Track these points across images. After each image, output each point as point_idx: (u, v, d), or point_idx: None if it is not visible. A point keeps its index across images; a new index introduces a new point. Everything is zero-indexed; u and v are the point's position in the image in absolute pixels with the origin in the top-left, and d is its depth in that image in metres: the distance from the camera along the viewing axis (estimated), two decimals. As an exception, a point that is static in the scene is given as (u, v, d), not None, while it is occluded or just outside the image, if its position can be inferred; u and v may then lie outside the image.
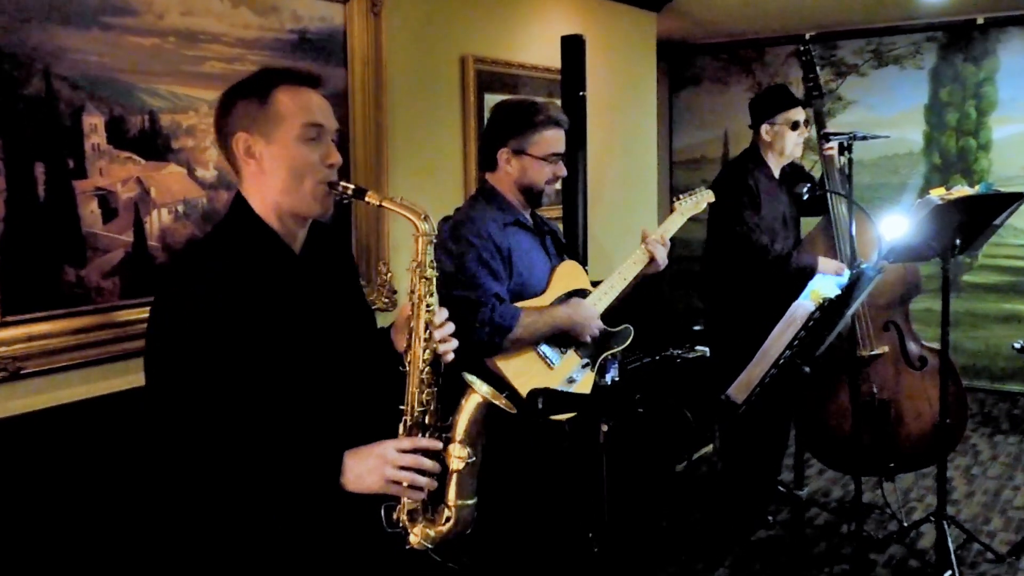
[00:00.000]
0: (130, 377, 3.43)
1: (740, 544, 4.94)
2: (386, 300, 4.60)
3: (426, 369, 2.24)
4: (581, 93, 4.93)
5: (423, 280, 2.27)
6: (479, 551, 2.41)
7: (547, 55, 5.62)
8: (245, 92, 2.24)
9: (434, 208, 2.30)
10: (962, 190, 4.24)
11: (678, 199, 3.79)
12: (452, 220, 3.38)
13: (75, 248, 3.29)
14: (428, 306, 2.26)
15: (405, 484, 2.12)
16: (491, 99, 5.33)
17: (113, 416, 3.32)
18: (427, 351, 2.24)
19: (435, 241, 2.30)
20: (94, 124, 3.32)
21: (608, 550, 3.18)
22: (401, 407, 2.23)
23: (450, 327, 2.33)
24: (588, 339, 3.30)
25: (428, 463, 2.15)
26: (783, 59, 8.54)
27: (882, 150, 7.88)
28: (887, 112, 8.06)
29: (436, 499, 2.20)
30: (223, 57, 3.76)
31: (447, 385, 2.27)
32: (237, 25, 3.81)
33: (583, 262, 4.83)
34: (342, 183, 2.25)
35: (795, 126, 4.88)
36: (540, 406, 2.31)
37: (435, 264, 2.29)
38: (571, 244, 4.71)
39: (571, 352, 3.31)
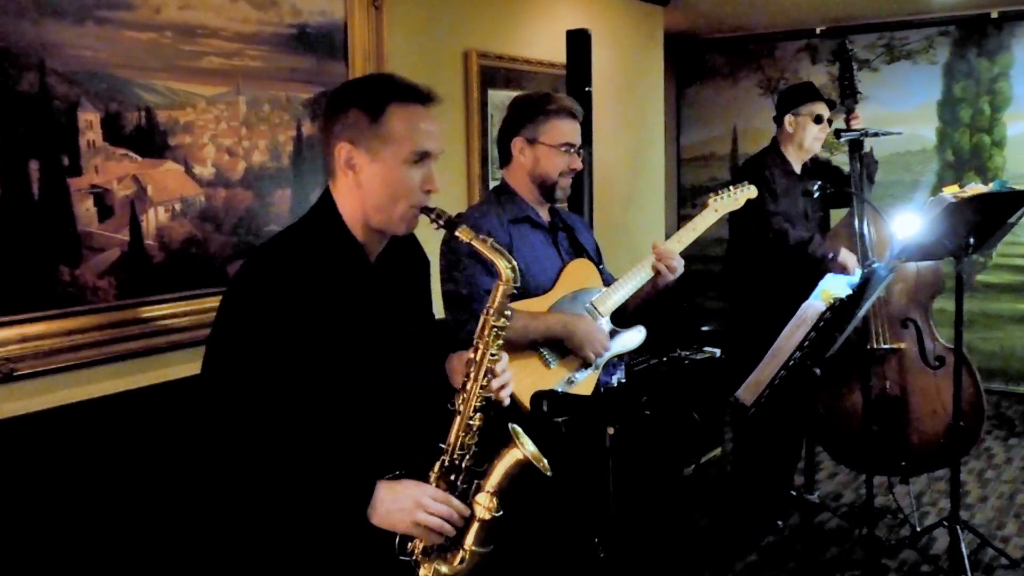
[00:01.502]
0: (127, 379, 3.44)
1: (749, 550, 4.93)
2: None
3: (476, 416, 2.26)
4: (587, 88, 4.92)
5: (493, 328, 2.29)
6: (483, 557, 2.41)
7: (552, 49, 5.61)
8: (360, 100, 2.24)
9: (436, 204, 2.30)
10: (976, 188, 4.23)
11: (715, 194, 3.76)
12: (458, 216, 3.40)
13: (70, 247, 3.28)
14: (493, 354, 2.29)
15: (432, 529, 2.16)
16: (495, 95, 5.32)
17: (110, 419, 3.32)
18: (480, 399, 2.27)
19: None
20: (89, 120, 3.31)
21: (614, 556, 3.17)
22: (442, 445, 2.26)
23: (508, 375, 2.37)
24: (590, 356, 3.28)
25: (457, 517, 2.19)
26: (793, 54, 8.53)
27: (894, 147, 7.86)
28: (899, 108, 8.04)
29: (454, 540, 2.23)
30: (221, 52, 3.75)
31: (490, 424, 2.30)
32: (236, 19, 3.80)
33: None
34: (436, 211, 2.26)
35: (818, 119, 4.91)
36: (544, 409, 2.31)
37: (508, 315, 2.31)
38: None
39: (571, 356, 3.30)
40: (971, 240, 4.27)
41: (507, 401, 2.36)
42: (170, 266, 3.59)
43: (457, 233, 2.22)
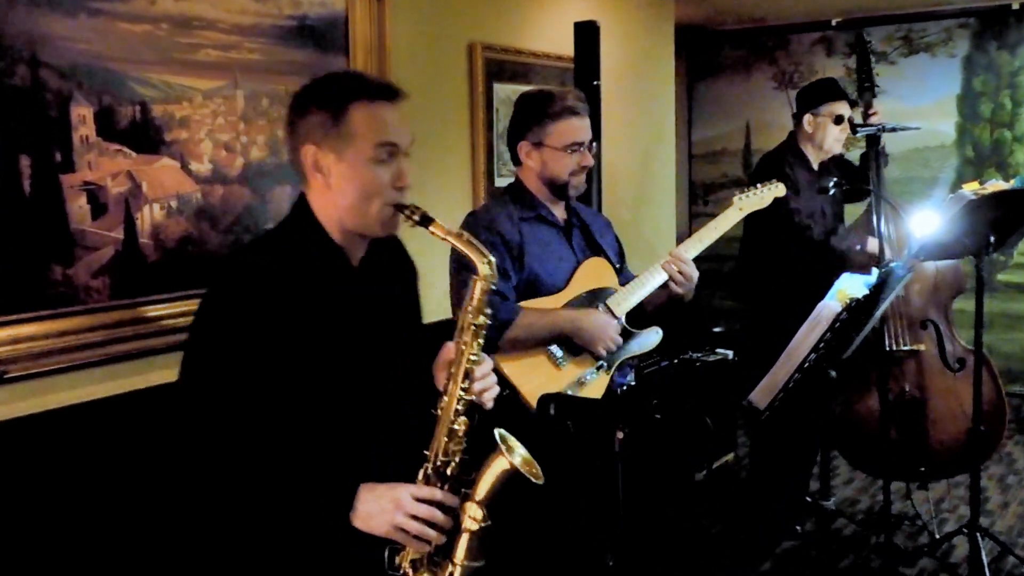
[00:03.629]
0: (121, 381, 3.43)
1: (764, 557, 4.91)
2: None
3: (458, 420, 2.24)
4: (595, 82, 4.92)
5: (472, 326, 2.26)
6: (488, 564, 2.40)
7: (559, 42, 5.59)
8: (320, 100, 2.24)
9: (440, 202, 2.32)
10: (997, 184, 4.21)
11: (740, 192, 3.74)
12: (471, 214, 3.43)
13: (62, 245, 3.27)
14: (473, 355, 2.26)
15: (412, 534, 2.13)
16: (500, 88, 5.31)
17: (105, 422, 3.31)
18: (462, 402, 2.24)
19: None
20: (82, 115, 3.30)
21: (623, 564, 3.16)
22: (426, 451, 2.23)
23: (492, 378, 2.35)
24: (601, 351, 3.28)
25: (441, 517, 2.16)
26: (808, 47, 8.50)
27: (912, 142, 7.83)
28: (917, 102, 8.01)
29: (443, 552, 2.20)
30: (219, 44, 3.74)
31: (477, 432, 2.27)
32: (233, 11, 3.79)
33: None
34: (409, 207, 2.24)
35: (838, 120, 4.87)
36: (552, 412, 2.30)
37: (488, 313, 2.28)
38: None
39: (584, 354, 3.29)
40: (991, 238, 4.25)
41: (490, 405, 2.33)
42: (166, 265, 3.58)
43: (431, 229, 2.21)
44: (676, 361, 5.64)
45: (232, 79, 3.80)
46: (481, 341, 2.28)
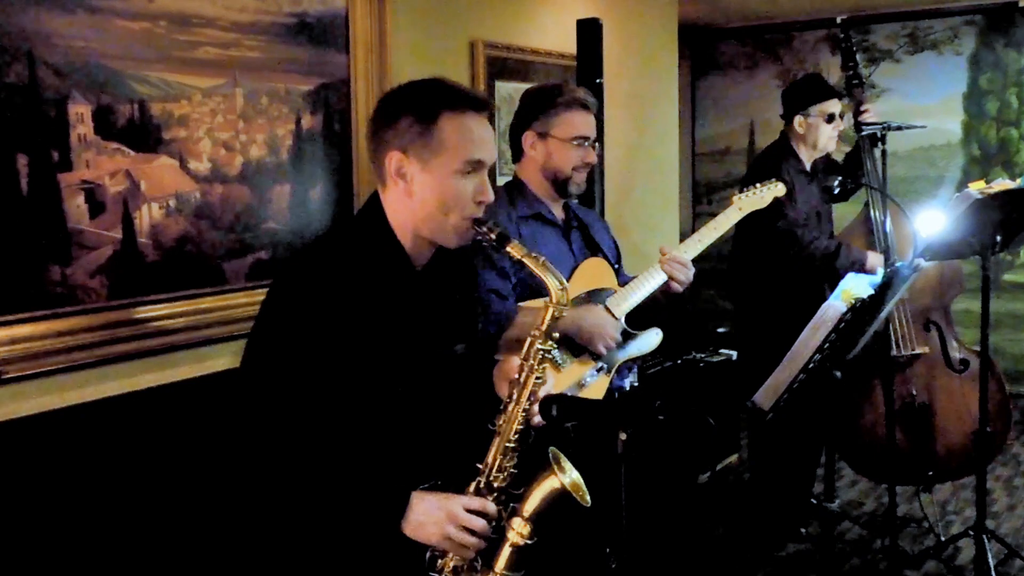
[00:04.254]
0: (120, 382, 3.43)
1: (767, 560, 4.91)
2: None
3: (516, 438, 2.27)
4: (598, 80, 4.91)
5: (539, 351, 2.29)
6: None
7: (562, 40, 5.59)
8: (412, 107, 2.25)
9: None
10: (1003, 183, 4.20)
11: (739, 192, 3.74)
12: None
13: (60, 245, 3.27)
14: (538, 376, 2.29)
15: (462, 544, 2.16)
16: (502, 86, 5.31)
17: (103, 423, 3.31)
18: (522, 422, 2.28)
19: None
20: (80, 113, 3.30)
21: (626, 567, 3.15)
22: (479, 465, 2.27)
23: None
24: (601, 349, 3.28)
25: (487, 528, 2.19)
26: (813, 44, 8.50)
27: (918, 141, 7.84)
28: (923, 101, 8.01)
29: (484, 558, 2.23)
30: (218, 42, 3.74)
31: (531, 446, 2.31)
32: (232, 8, 3.78)
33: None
34: (488, 224, 2.27)
35: (830, 119, 4.86)
36: (554, 413, 2.30)
37: (556, 336, 2.32)
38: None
39: (585, 355, 3.29)
40: (998, 238, 4.25)
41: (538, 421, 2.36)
42: (164, 265, 3.58)
43: (508, 249, 2.24)
44: (679, 362, 5.64)
45: (231, 77, 3.80)
46: (547, 365, 2.31)
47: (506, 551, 2.23)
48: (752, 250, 4.91)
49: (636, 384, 3.58)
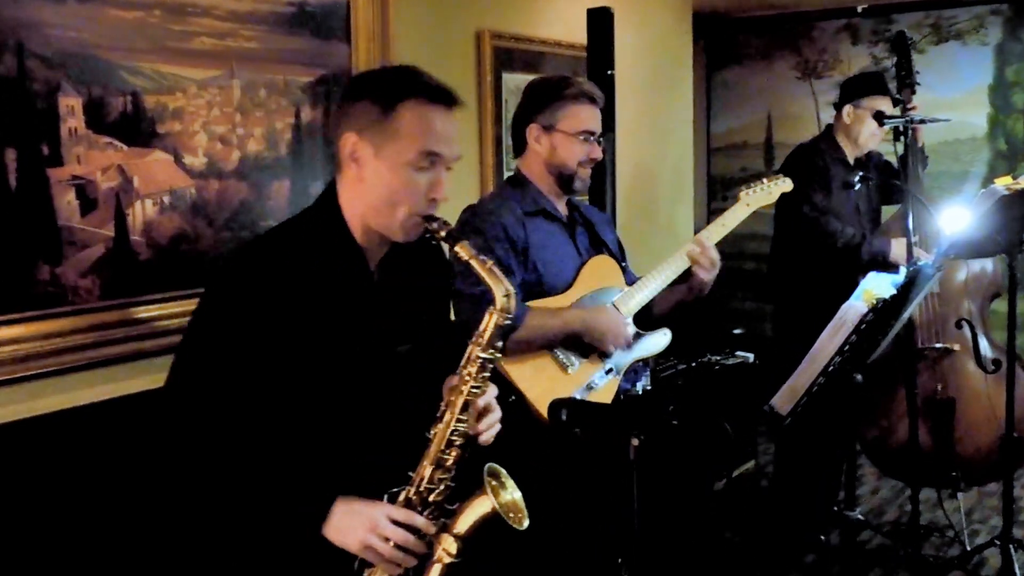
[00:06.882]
0: (113, 385, 3.42)
1: (786, 570, 4.90)
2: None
3: (449, 451, 2.25)
4: (609, 72, 4.90)
5: (479, 359, 2.26)
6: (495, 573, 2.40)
7: (572, 29, 5.58)
8: (374, 91, 2.25)
9: (447, 196, 2.29)
10: (1030, 179, 4.19)
11: (746, 187, 3.74)
12: (469, 207, 3.39)
13: (50, 243, 3.26)
14: (475, 387, 2.27)
15: (383, 556, 2.16)
16: (509, 78, 5.30)
17: (94, 427, 3.30)
18: (455, 433, 2.25)
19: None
20: (71, 106, 3.29)
21: (639, 577, 3.15)
22: (411, 474, 2.25)
23: (495, 414, 2.36)
24: (611, 349, 3.27)
25: (414, 543, 2.18)
26: (832, 34, 8.46)
27: (942, 135, 7.79)
28: (947, 93, 7.96)
29: (415, 572, 2.22)
30: (214, 32, 3.73)
31: (470, 459, 2.29)
32: (229, -3, 3.78)
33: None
34: (438, 221, 2.26)
35: (878, 116, 4.87)
36: (564, 418, 2.29)
37: (499, 346, 2.28)
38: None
39: (593, 356, 3.28)
40: (1024, 235, 4.24)
41: (488, 441, 2.34)
42: (158, 264, 3.57)
43: (457, 249, 2.22)
44: (694, 364, 5.61)
45: (228, 68, 3.79)
46: (487, 375, 2.28)
47: (435, 569, 2.21)
48: (786, 245, 4.94)
49: (649, 388, 3.56)
